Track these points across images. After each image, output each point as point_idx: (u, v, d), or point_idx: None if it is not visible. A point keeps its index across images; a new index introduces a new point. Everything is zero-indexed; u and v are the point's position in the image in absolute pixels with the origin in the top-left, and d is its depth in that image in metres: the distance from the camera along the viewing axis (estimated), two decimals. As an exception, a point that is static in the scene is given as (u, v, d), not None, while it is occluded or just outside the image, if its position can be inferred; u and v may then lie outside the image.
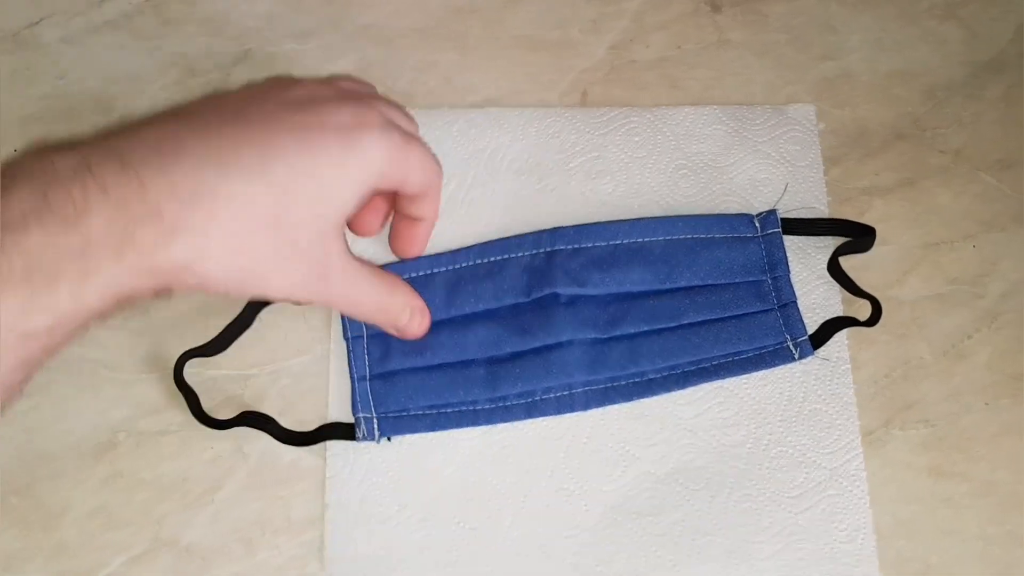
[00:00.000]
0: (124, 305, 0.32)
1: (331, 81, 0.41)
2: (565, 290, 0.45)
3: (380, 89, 0.50)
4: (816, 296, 0.47)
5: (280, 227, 0.34)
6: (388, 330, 0.43)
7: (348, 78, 0.43)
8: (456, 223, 0.48)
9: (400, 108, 0.42)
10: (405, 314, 0.42)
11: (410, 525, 0.43)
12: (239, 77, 0.51)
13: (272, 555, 0.43)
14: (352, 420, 0.44)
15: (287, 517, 0.44)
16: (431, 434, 0.45)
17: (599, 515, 0.44)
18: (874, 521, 0.44)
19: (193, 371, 0.45)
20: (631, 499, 0.44)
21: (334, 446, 0.44)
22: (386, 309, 0.41)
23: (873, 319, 0.46)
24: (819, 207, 0.49)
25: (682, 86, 0.52)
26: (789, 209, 0.49)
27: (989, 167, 0.51)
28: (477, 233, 0.47)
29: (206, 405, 0.44)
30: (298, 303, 0.38)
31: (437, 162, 0.41)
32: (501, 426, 0.45)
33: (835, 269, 0.47)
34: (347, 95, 0.39)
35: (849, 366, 0.46)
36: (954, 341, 0.48)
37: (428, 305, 0.44)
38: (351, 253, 0.39)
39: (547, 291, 0.45)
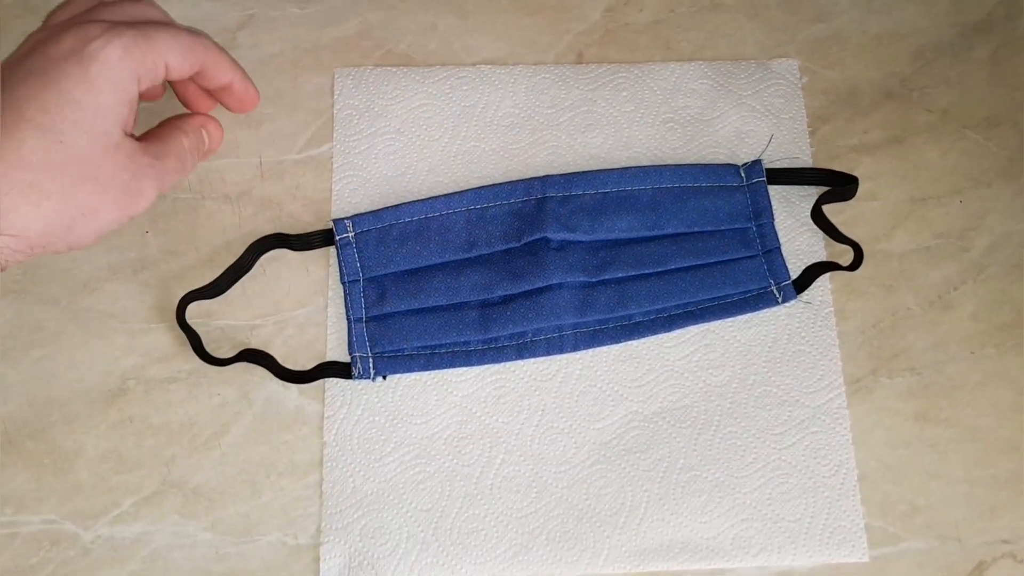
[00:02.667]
0: None
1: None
2: (555, 235, 0.46)
3: (380, 53, 0.52)
4: (800, 243, 0.49)
5: (65, 160, 0.37)
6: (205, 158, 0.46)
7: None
8: (449, 177, 0.49)
9: (138, 3, 0.42)
10: (197, 147, 0.44)
11: (405, 463, 0.45)
12: (243, 41, 0.52)
13: (276, 496, 0.45)
14: (349, 360, 0.46)
15: (291, 460, 0.45)
16: (426, 375, 0.46)
17: (588, 452, 0.45)
18: (862, 465, 0.45)
19: (201, 320, 0.46)
20: (619, 437, 0.46)
21: (332, 388, 0.46)
22: (181, 155, 0.43)
23: (855, 264, 0.47)
24: (803, 158, 0.50)
25: (675, 48, 0.53)
26: (774, 160, 0.50)
27: (976, 125, 0.52)
28: (470, 186, 0.49)
29: (215, 354, 0.46)
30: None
31: (193, 34, 0.42)
32: (494, 367, 0.46)
33: (818, 216, 0.48)
34: (72, 22, 0.40)
35: (832, 309, 0.48)
36: (940, 292, 0.49)
37: (423, 251, 0.46)
38: (137, 142, 0.41)
39: (538, 235, 0.46)
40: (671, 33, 0.53)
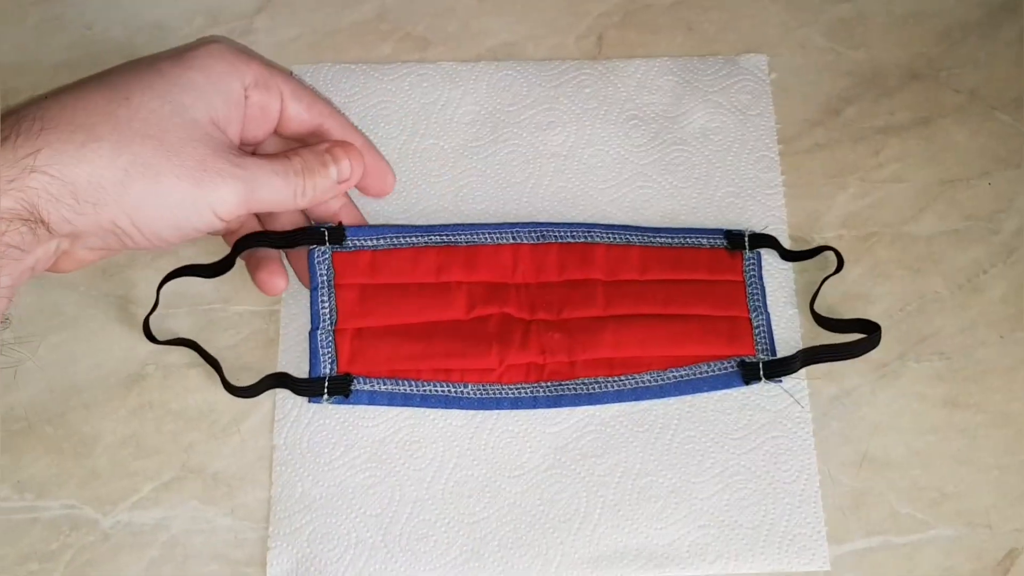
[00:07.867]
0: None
1: None
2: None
3: (399, 36, 0.52)
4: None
5: (127, 116, 0.35)
6: (335, 192, 0.43)
7: None
8: (408, 173, 0.49)
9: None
10: (328, 165, 0.41)
11: (355, 467, 0.44)
12: (261, 24, 0.52)
13: (296, 482, 0.44)
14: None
15: (311, 446, 0.45)
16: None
17: (543, 456, 0.44)
18: (890, 451, 0.44)
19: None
20: (575, 441, 0.44)
21: (283, 389, 0.45)
22: (284, 172, 0.40)
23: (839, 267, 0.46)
24: (770, 155, 0.49)
25: (697, 29, 0.52)
26: (741, 165, 0.49)
27: (1004, 105, 0.51)
28: (429, 182, 0.49)
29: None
30: (222, 219, 0.39)
31: (319, 96, 0.42)
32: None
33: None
34: None
35: (796, 311, 0.47)
36: (969, 275, 0.48)
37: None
38: (232, 143, 0.39)
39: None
40: (692, 14, 0.53)
